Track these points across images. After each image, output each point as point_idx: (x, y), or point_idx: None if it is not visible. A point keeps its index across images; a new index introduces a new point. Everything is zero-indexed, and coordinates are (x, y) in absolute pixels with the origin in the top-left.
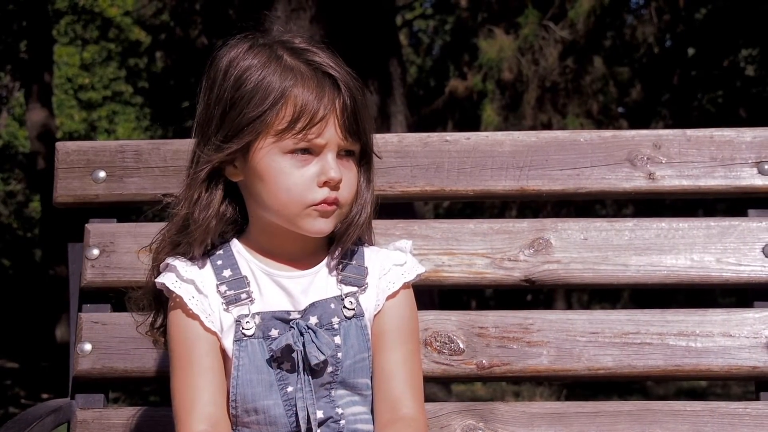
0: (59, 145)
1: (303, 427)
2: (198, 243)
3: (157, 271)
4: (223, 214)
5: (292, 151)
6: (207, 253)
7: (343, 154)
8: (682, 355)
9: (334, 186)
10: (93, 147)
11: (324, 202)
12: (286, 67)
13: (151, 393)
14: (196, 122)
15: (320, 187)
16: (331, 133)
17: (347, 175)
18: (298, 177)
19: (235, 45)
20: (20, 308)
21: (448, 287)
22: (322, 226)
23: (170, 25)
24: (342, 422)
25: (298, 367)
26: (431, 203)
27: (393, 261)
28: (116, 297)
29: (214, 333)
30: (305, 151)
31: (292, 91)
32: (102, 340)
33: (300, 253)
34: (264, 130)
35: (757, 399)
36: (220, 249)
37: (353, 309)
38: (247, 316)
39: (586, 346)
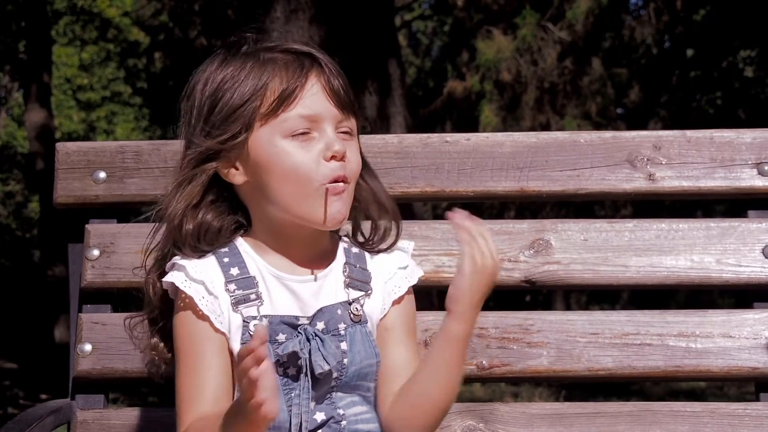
0: (59, 145)
1: None
2: (188, 245)
3: (162, 269)
4: (209, 220)
5: (292, 135)
6: (213, 252)
7: (341, 132)
8: (682, 355)
9: (341, 158)
10: (93, 147)
11: (335, 179)
12: (264, 60)
13: (151, 394)
14: (182, 140)
15: (327, 161)
16: (323, 105)
17: (350, 148)
18: (305, 155)
19: (209, 62)
20: (19, 309)
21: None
22: (339, 206)
23: (169, 26)
24: (343, 423)
25: (302, 373)
26: (429, 204)
27: (397, 264)
28: (117, 297)
29: (223, 333)
30: (305, 133)
31: (273, 79)
32: (102, 340)
33: (306, 256)
34: (255, 118)
35: (757, 400)
36: (225, 247)
37: (359, 314)
38: (255, 318)
39: (586, 346)
